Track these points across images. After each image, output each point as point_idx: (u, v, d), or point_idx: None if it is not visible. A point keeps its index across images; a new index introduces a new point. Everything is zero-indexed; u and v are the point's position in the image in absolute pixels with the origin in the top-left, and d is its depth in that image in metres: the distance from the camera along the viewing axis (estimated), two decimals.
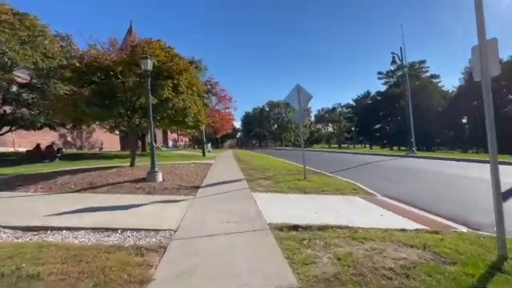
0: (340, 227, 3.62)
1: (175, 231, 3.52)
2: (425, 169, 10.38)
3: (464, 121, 26.85)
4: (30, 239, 3.28)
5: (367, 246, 2.91)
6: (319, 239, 3.13)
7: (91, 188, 6.12)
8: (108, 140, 33.36)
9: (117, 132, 10.45)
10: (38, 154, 12.98)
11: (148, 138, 41.70)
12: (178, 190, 6.25)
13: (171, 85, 7.85)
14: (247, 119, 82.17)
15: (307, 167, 9.95)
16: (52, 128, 15.54)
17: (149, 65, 6.81)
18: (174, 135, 56.40)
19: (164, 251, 2.92)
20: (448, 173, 9.26)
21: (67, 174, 7.64)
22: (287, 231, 3.44)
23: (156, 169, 7.03)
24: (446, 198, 5.64)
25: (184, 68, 8.35)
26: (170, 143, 54.76)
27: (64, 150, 20.75)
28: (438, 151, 35.02)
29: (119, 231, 3.51)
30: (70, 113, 7.58)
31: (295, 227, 3.56)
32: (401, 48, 15.44)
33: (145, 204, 4.88)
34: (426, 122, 36.17)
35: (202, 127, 12.58)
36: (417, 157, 14.49)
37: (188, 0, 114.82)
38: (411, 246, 2.92)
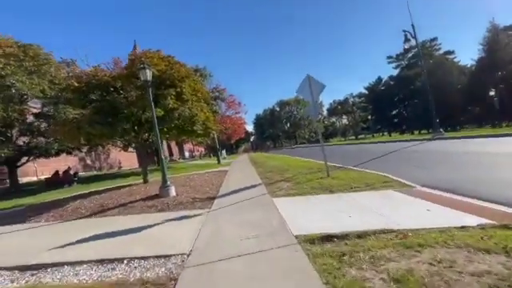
0: (384, 231, 2.97)
1: (188, 255, 3.01)
2: (457, 151, 9.37)
3: (492, 93, 24.81)
4: (27, 281, 2.88)
5: (428, 257, 2.25)
6: (363, 252, 2.50)
7: (102, 211, 5.78)
8: (126, 158, 34.01)
9: (132, 149, 10.28)
10: (56, 181, 13.12)
11: (164, 152, 42.31)
12: (192, 203, 5.79)
13: (174, 93, 7.48)
14: (259, 121, 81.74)
15: (327, 163, 9.29)
16: (68, 153, 15.76)
17: (148, 75, 6.46)
18: (190, 146, 56.95)
19: (175, 284, 2.42)
20: (484, 151, 8.25)
21: (80, 198, 7.43)
22: (320, 244, 2.83)
23: (168, 183, 6.63)
24: (492, 180, 4.80)
25: (186, 75, 7.97)
26: (187, 154, 55.30)
27: (83, 172, 21.21)
28: (465, 130, 32.77)
29: (125, 261, 3.05)
30: (75, 135, 7.39)
31: (329, 238, 2.94)
32: (412, 25, 14.39)
33: (156, 224, 4.43)
34: (446, 101, 34.03)
35: (213, 134, 12.17)
36: (445, 138, 13.30)
37: (184, 15, 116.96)
38: (487, 252, 2.23)
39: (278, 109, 75.90)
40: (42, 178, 19.62)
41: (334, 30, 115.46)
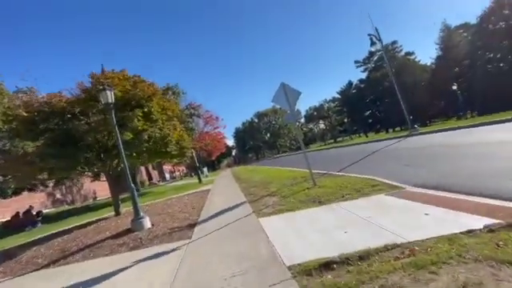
0: (387, 248, 2.59)
1: None
2: (439, 144, 9.51)
3: (454, 87, 26.51)
4: None
5: (448, 280, 1.88)
6: (370, 280, 2.09)
7: (63, 257, 4.94)
8: (102, 187, 31.70)
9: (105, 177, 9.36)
10: (17, 224, 11.65)
11: (142, 176, 40.26)
12: (169, 234, 5.13)
13: (141, 114, 6.87)
14: (239, 135, 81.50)
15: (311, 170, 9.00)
16: (31, 190, 14.24)
17: (109, 97, 5.84)
18: (170, 167, 54.96)
19: None
20: (466, 143, 8.40)
21: (39, 243, 6.44)
22: (319, 275, 2.38)
23: (141, 214, 5.91)
24: (483, 172, 4.69)
25: (153, 93, 7.42)
26: (167, 176, 53.33)
27: (53, 209, 19.31)
28: (434, 124, 34.59)
29: None
30: (30, 171, 6.50)
31: (328, 265, 2.50)
32: (376, 29, 15.05)
33: (125, 268, 3.75)
34: (414, 99, 35.98)
35: (191, 153, 11.52)
36: (421, 133, 13.66)
37: (159, 38, 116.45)
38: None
39: (256, 120, 76.30)
40: (3, 220, 17.59)
41: (305, 38, 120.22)
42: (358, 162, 9.75)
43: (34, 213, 11.86)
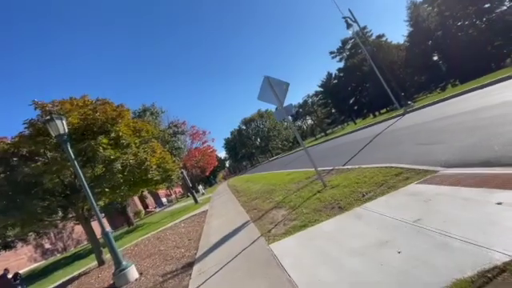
0: (485, 276, 1.63)
1: None
2: (443, 115, 8.77)
3: (435, 59, 26.47)
4: None
5: None
6: None
7: None
8: (97, 226, 29.96)
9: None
10: None
11: (136, 207, 38.31)
12: (161, 285, 4.01)
13: (106, 141, 5.76)
14: (229, 145, 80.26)
15: (313, 169, 8.04)
16: (6, 247, 12.69)
17: (60, 127, 4.73)
18: (164, 191, 53.01)
19: None
20: (470, 109, 7.68)
21: None
22: None
23: (124, 264, 4.77)
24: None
25: (118, 114, 6.33)
26: (164, 200, 51.43)
27: (43, 261, 17.54)
28: (420, 99, 34.59)
29: None
30: None
31: None
32: (349, 10, 14.48)
33: None
34: (395, 78, 35.96)
35: (176, 175, 10.37)
36: (417, 109, 13.02)
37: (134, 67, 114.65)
38: None
39: (244, 127, 75.38)
40: None
41: (281, 39, 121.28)
42: (362, 150, 8.88)
43: (11, 276, 10.35)
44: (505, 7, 31.25)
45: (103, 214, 20.92)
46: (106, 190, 6.18)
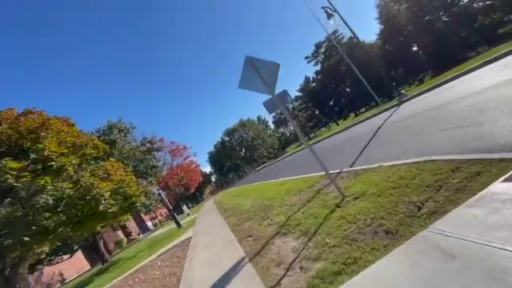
0: None
1: None
2: (451, 98, 7.67)
3: (409, 53, 26.61)
4: None
5: None
6: None
7: None
8: (70, 265, 26.66)
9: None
10: None
11: (118, 236, 34.86)
12: None
13: (17, 165, 3.92)
14: (214, 158, 77.83)
15: (313, 174, 6.54)
16: None
17: None
18: (148, 215, 49.46)
19: None
20: (474, 91, 6.60)
21: None
22: None
23: None
24: None
25: (41, 125, 4.51)
26: (149, 224, 47.89)
27: None
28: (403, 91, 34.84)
29: None
30: None
31: None
32: (328, 0, 13.54)
33: None
34: (374, 76, 36.15)
35: (140, 202, 8.49)
36: (412, 97, 12.08)
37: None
38: None
39: (227, 138, 73.53)
40: None
41: (255, 47, 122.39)
42: (368, 147, 7.52)
43: None
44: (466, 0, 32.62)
45: (66, 256, 18.00)
46: (25, 239, 4.22)
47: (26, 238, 4.30)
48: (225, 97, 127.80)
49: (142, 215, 45.36)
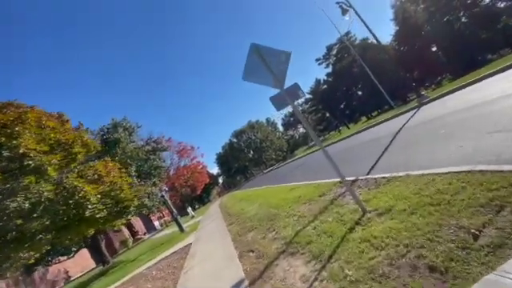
0: None
1: None
2: (485, 99, 6.81)
3: (426, 55, 25.43)
4: None
5: None
6: None
7: None
8: (74, 264, 26.76)
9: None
10: None
11: (124, 236, 34.86)
12: None
13: None
14: (221, 160, 77.62)
15: (324, 180, 5.82)
16: None
17: None
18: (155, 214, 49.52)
19: None
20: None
21: None
22: None
23: None
24: None
25: (17, 117, 4.02)
26: (157, 223, 47.88)
27: None
28: (424, 93, 33.48)
29: None
30: None
31: None
32: None
33: None
34: (387, 78, 34.98)
35: (134, 206, 7.97)
36: (433, 100, 11.16)
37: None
38: None
39: (235, 140, 73.20)
40: None
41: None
42: (388, 151, 6.72)
43: None
44: (488, 0, 31.06)
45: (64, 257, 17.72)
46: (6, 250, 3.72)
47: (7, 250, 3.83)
48: (233, 98, 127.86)
49: (152, 216, 45.41)
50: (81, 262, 28.30)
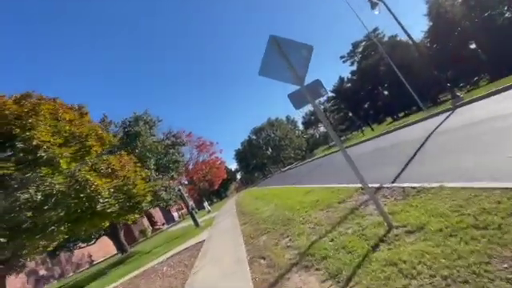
0: None
1: None
2: None
3: (462, 53, 23.46)
4: None
5: None
6: None
7: None
8: (98, 248, 28.21)
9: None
10: None
11: (143, 225, 36.16)
12: None
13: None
14: (240, 156, 78.05)
15: (344, 184, 5.35)
16: None
17: None
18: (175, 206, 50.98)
19: None
20: None
21: None
22: None
23: None
24: None
25: (31, 108, 4.02)
26: (176, 215, 49.25)
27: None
28: (460, 94, 31.24)
29: None
30: None
31: None
32: None
33: None
34: (417, 78, 32.94)
35: (146, 202, 7.95)
36: (468, 102, 10.15)
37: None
38: None
39: (254, 137, 73.12)
40: None
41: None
42: (416, 158, 6.12)
43: None
44: None
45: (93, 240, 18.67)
46: (1, 240, 3.79)
47: (2, 239, 3.92)
48: (254, 94, 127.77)
49: (172, 207, 46.71)
50: (104, 248, 29.68)
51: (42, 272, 22.80)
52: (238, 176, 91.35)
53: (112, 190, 5.10)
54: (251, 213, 9.60)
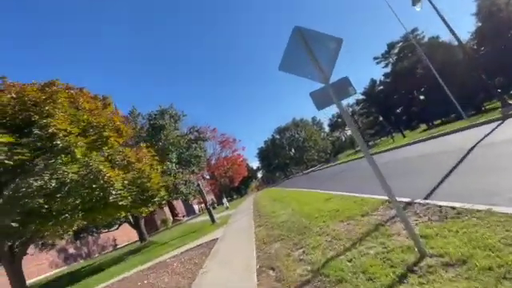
0: None
1: None
2: None
3: None
4: None
5: None
6: None
7: None
8: (122, 233, 29.68)
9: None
10: None
11: (165, 214, 37.48)
12: None
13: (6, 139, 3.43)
14: (263, 154, 77.84)
15: (369, 195, 4.81)
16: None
17: None
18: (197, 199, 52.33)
19: None
20: None
21: None
22: None
23: None
24: None
25: (48, 96, 4.04)
26: (196, 208, 50.47)
27: (59, 269, 16.77)
28: (494, 105, 28.30)
29: None
30: None
31: None
32: None
33: None
34: (458, 83, 30.24)
35: (160, 195, 7.91)
36: None
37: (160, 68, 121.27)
38: None
39: (278, 137, 72.46)
40: None
41: None
42: (455, 172, 5.39)
43: None
44: None
45: (116, 226, 19.61)
46: (13, 225, 3.87)
47: (14, 224, 4.05)
48: (280, 93, 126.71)
49: (192, 200, 47.98)
50: (128, 233, 31.09)
51: (72, 251, 24.49)
52: (259, 174, 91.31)
53: (126, 182, 5.12)
54: (267, 215, 9.30)
